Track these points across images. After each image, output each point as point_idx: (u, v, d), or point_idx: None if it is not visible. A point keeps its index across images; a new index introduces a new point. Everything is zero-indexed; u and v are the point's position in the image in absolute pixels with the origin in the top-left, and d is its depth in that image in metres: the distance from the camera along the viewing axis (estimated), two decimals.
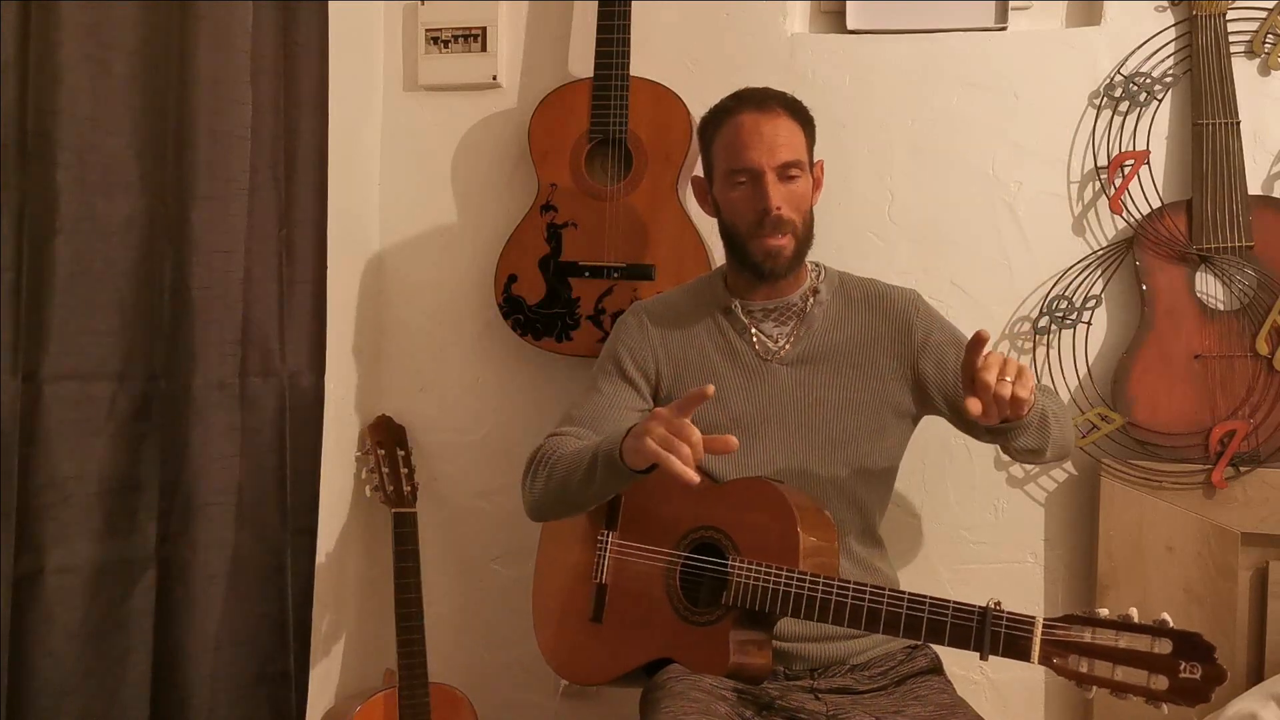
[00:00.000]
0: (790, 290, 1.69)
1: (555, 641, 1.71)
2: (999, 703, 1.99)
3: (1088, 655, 1.23)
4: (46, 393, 1.43)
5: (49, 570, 1.43)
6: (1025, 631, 1.27)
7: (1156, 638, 1.21)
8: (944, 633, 1.33)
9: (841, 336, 1.66)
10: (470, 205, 2.22)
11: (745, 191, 1.61)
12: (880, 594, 1.39)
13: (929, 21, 2.01)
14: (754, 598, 1.45)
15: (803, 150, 1.63)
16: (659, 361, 1.70)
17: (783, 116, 1.62)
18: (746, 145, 1.60)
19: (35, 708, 1.42)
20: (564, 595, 1.69)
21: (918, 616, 1.35)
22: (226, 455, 1.67)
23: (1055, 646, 1.25)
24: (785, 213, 1.59)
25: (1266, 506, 1.81)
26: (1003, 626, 1.29)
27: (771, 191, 1.58)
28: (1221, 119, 1.84)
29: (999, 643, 1.28)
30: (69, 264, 1.44)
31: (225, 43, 1.63)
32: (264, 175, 1.74)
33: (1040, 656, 1.25)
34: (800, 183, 1.62)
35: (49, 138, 1.41)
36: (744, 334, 1.68)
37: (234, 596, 1.69)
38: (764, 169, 1.59)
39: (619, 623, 1.61)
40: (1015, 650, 1.27)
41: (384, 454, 2.10)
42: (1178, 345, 1.85)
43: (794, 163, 1.60)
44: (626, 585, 1.61)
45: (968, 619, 1.31)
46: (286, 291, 1.81)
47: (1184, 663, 1.19)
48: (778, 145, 1.60)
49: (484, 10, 2.17)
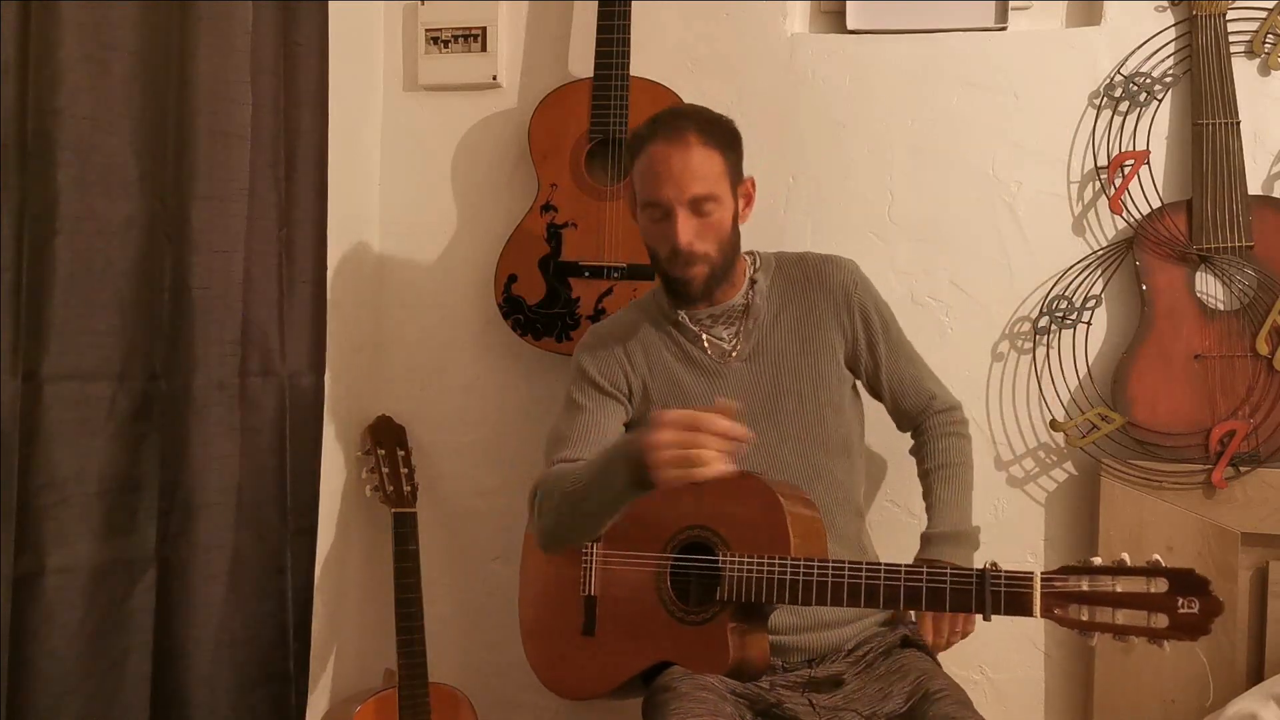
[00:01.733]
0: (728, 295, 1.69)
1: (547, 657, 1.70)
2: (999, 703, 1.99)
3: (1087, 603, 1.27)
4: (46, 393, 1.42)
5: (49, 570, 1.43)
6: (1025, 587, 1.30)
7: (1151, 578, 1.24)
8: (944, 598, 1.36)
9: (787, 321, 1.68)
10: (470, 205, 2.22)
11: (659, 226, 1.60)
12: (876, 569, 1.40)
13: (929, 21, 2.01)
14: (749, 589, 1.46)
15: (717, 179, 1.58)
16: (628, 375, 1.70)
17: (695, 146, 1.56)
18: (658, 178, 1.57)
19: (35, 708, 1.42)
20: (551, 609, 1.69)
21: (916, 586, 1.38)
22: (226, 455, 1.67)
23: (1055, 598, 1.28)
24: (696, 247, 1.58)
25: (1266, 506, 1.81)
26: (1001, 585, 1.32)
27: (681, 228, 1.56)
28: (1221, 119, 1.84)
29: (1000, 601, 1.32)
30: (69, 264, 1.44)
31: (225, 43, 1.63)
32: (264, 175, 1.74)
33: (1042, 609, 1.28)
34: (715, 214, 1.58)
35: (49, 138, 1.41)
36: (695, 341, 1.69)
37: (234, 596, 1.69)
38: (673, 205, 1.56)
39: (612, 634, 1.61)
40: (1017, 606, 1.30)
41: (384, 454, 2.10)
42: (1178, 345, 1.85)
43: (706, 196, 1.56)
44: (617, 594, 1.61)
45: (966, 582, 1.34)
46: (286, 291, 1.81)
47: (1181, 598, 1.23)
48: (687, 179, 1.55)
49: (484, 10, 2.17)
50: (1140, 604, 1.24)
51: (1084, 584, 1.27)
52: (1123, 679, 1.85)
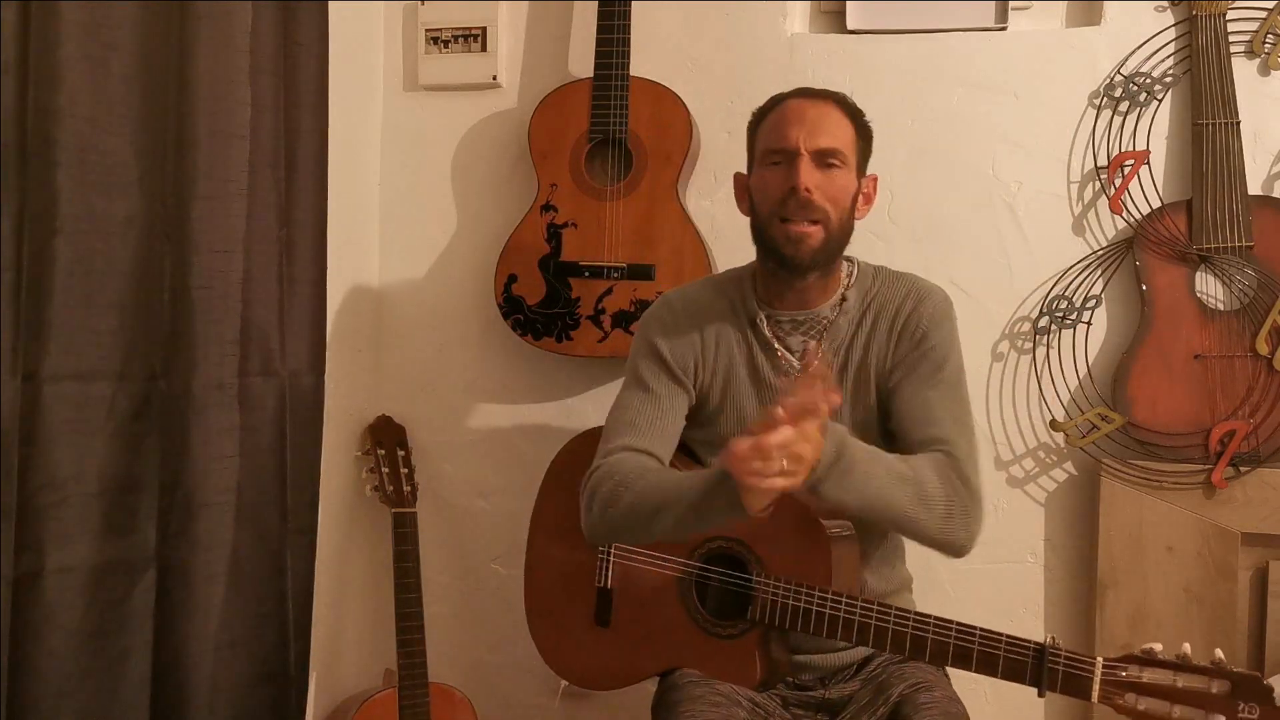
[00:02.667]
0: (820, 299, 1.57)
1: (557, 642, 1.70)
2: (999, 702, 1.99)
3: (1146, 694, 1.25)
4: (46, 393, 1.42)
5: (49, 570, 1.43)
6: (1086, 671, 1.27)
7: (1214, 678, 1.22)
8: (997, 666, 1.32)
9: (859, 352, 1.55)
10: (470, 205, 2.22)
11: (778, 171, 1.49)
12: (925, 622, 1.36)
13: (929, 21, 2.01)
14: (783, 616, 1.43)
15: (848, 144, 1.51)
16: (699, 365, 1.59)
17: (833, 107, 1.52)
18: (788, 124, 1.50)
19: (35, 708, 1.42)
20: (562, 594, 1.68)
21: (968, 648, 1.33)
22: (226, 455, 1.67)
23: (1114, 686, 1.26)
24: (816, 197, 1.46)
25: (1266, 506, 1.81)
26: (1060, 664, 1.28)
27: (803, 170, 1.46)
28: (1221, 119, 1.84)
29: (1057, 680, 1.28)
30: (69, 264, 1.44)
31: (225, 43, 1.63)
32: (264, 175, 1.73)
33: (1100, 695, 1.26)
34: (840, 174, 1.49)
35: (49, 138, 1.41)
36: (768, 348, 1.57)
37: (234, 596, 1.69)
38: (800, 149, 1.47)
39: (629, 630, 1.60)
40: (1075, 688, 1.27)
41: (384, 454, 2.10)
42: (1178, 345, 1.85)
43: (833, 150, 1.48)
44: (635, 592, 1.59)
45: (1023, 654, 1.30)
46: (286, 291, 1.80)
47: (1242, 703, 1.21)
48: (820, 129, 1.48)
49: (484, 10, 2.17)
50: (1199, 703, 1.23)
51: (1144, 675, 1.25)
52: None
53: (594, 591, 1.63)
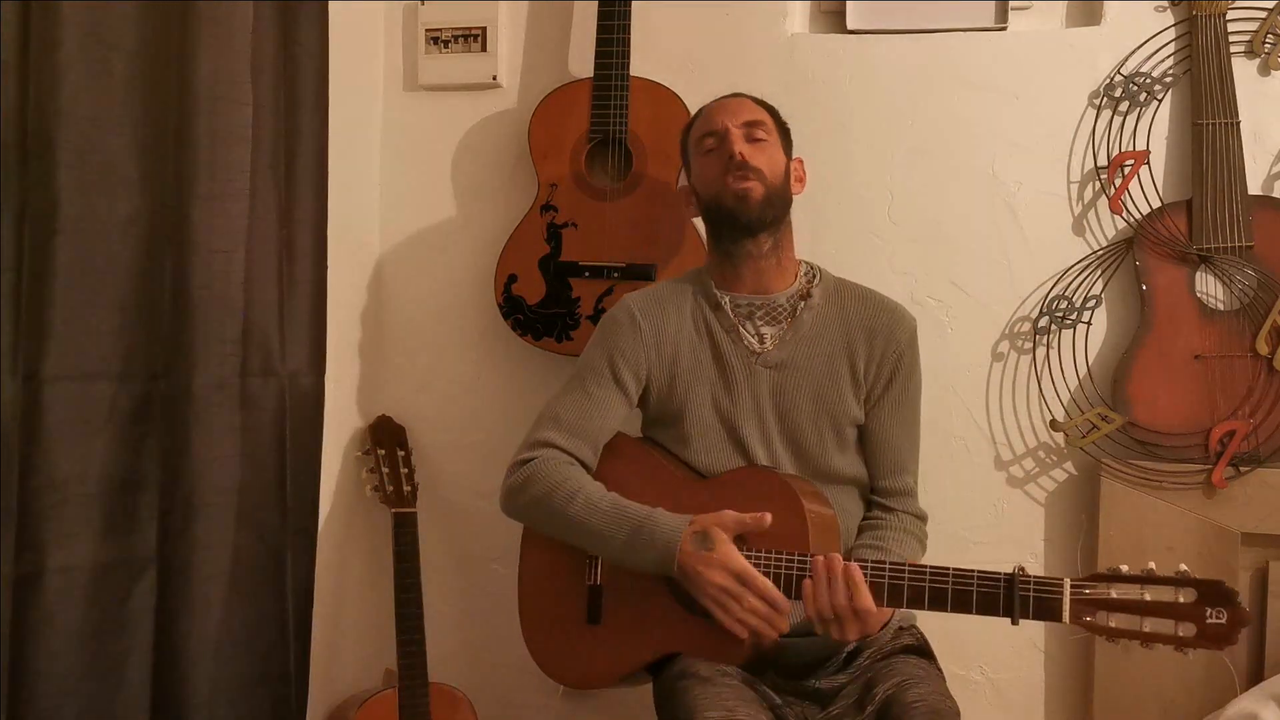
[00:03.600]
0: (776, 283, 1.68)
1: (549, 647, 1.69)
2: (999, 703, 1.99)
3: (1115, 610, 1.28)
4: (46, 393, 1.42)
5: (49, 570, 1.43)
6: (1055, 593, 1.31)
7: (1180, 588, 1.26)
8: (971, 602, 1.36)
9: (826, 348, 1.65)
10: (470, 205, 2.22)
11: (714, 155, 1.66)
12: (900, 569, 1.41)
13: (929, 21, 2.01)
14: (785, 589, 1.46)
15: (768, 122, 1.69)
16: (650, 364, 1.68)
17: (746, 100, 1.71)
18: (713, 113, 1.69)
19: (35, 708, 1.42)
20: (553, 600, 1.68)
21: (942, 588, 1.37)
22: (226, 455, 1.67)
23: (1084, 605, 1.29)
24: (750, 159, 1.63)
25: (1266, 506, 1.81)
26: (1030, 590, 1.32)
27: (735, 138, 1.64)
28: (1221, 119, 1.84)
29: (1029, 606, 1.32)
30: (69, 264, 1.44)
31: (225, 43, 1.63)
32: (264, 175, 1.73)
33: (1071, 615, 1.29)
34: (768, 146, 1.66)
35: (49, 138, 1.41)
36: (731, 331, 1.67)
37: (234, 596, 1.69)
38: (727, 127, 1.65)
39: (619, 623, 1.60)
40: (1046, 611, 1.31)
41: (384, 454, 2.10)
42: (1178, 345, 1.85)
43: (757, 122, 1.67)
44: (623, 584, 1.60)
45: (994, 586, 1.34)
46: (286, 291, 1.81)
47: (1209, 608, 1.24)
48: (741, 110, 1.68)
49: (484, 10, 2.17)
50: (1168, 613, 1.26)
51: (1112, 591, 1.29)
52: (1123, 680, 1.85)
53: (585, 591, 1.63)
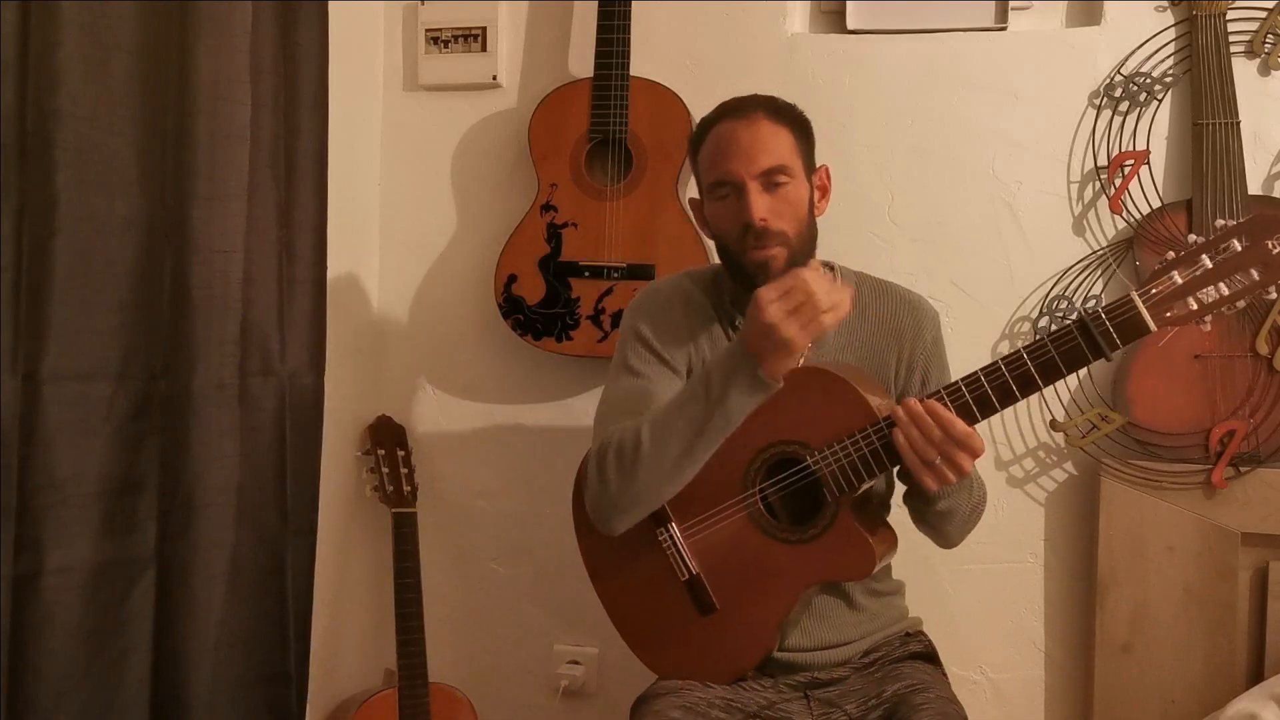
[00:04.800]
0: None
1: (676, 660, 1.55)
2: (999, 702, 1.99)
3: (1190, 292, 1.27)
4: (46, 393, 1.42)
5: (49, 570, 1.43)
6: (1130, 310, 1.28)
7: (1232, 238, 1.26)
8: (1059, 366, 1.32)
9: (853, 341, 1.58)
10: (470, 205, 2.22)
11: (729, 204, 1.50)
12: (974, 379, 1.35)
13: (929, 21, 2.01)
14: (855, 474, 1.40)
15: (789, 154, 1.50)
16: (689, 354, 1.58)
17: (763, 121, 1.50)
18: (725, 155, 1.49)
19: (35, 708, 1.42)
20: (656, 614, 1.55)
21: (1025, 371, 1.33)
22: (226, 455, 1.67)
23: (1161, 305, 1.28)
24: (771, 224, 1.47)
25: (1266, 506, 1.81)
26: (1107, 323, 1.29)
27: (754, 201, 1.46)
28: (1221, 119, 1.84)
29: (1113, 338, 1.29)
30: (69, 263, 1.44)
31: (225, 43, 1.63)
32: (264, 175, 1.74)
33: (1157, 322, 1.27)
34: (789, 189, 1.49)
35: (49, 138, 1.41)
36: None
37: (234, 596, 1.69)
38: (743, 179, 1.47)
39: (738, 598, 1.50)
40: (1133, 331, 1.28)
41: (384, 454, 2.10)
42: (1178, 345, 1.85)
43: (777, 168, 1.48)
44: (720, 560, 1.49)
45: (1071, 339, 1.31)
46: (286, 291, 1.81)
47: (1269, 241, 1.24)
48: (756, 152, 1.47)
49: (484, 10, 2.17)
50: (1235, 266, 1.25)
51: (1177, 277, 1.27)
52: (1123, 679, 1.85)
53: (683, 589, 1.52)
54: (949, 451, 1.34)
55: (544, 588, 2.19)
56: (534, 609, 2.21)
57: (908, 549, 1.72)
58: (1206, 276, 1.27)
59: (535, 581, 2.20)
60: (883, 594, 1.63)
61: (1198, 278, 1.27)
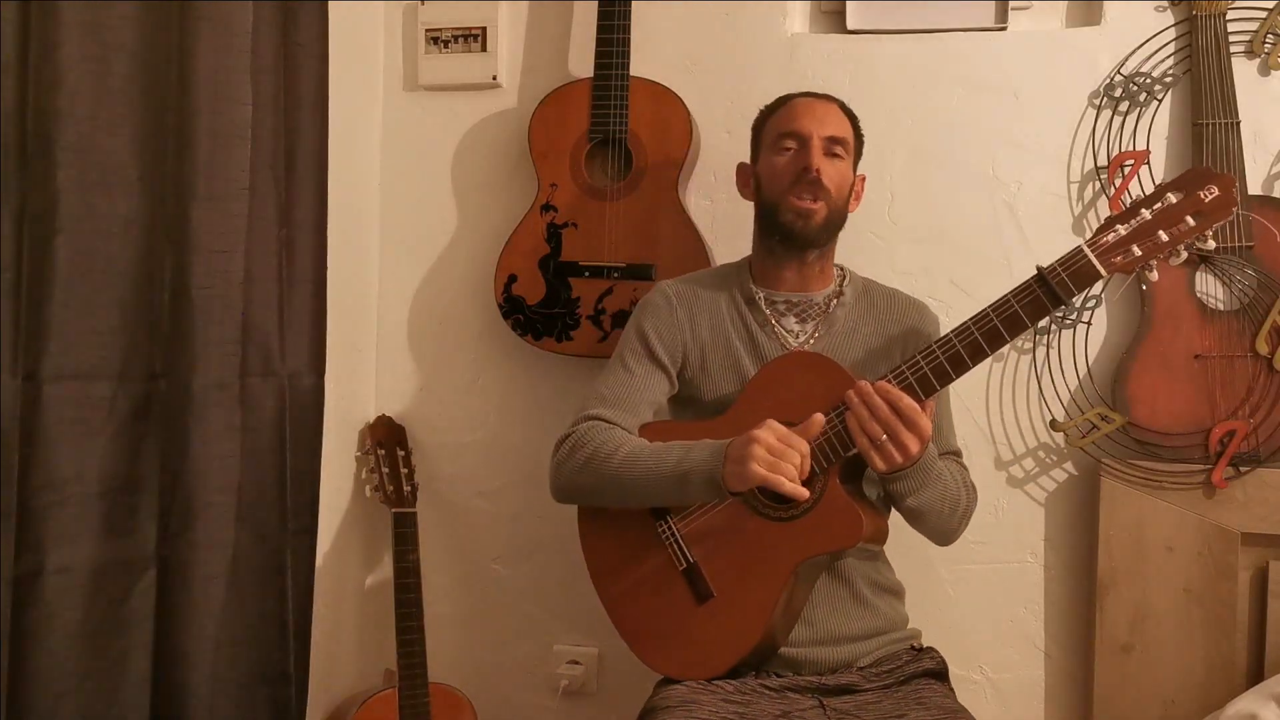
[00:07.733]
0: (816, 285, 1.69)
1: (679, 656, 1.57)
2: (999, 702, 1.99)
3: (1134, 241, 1.41)
4: (46, 392, 1.42)
5: (49, 570, 1.43)
6: (1080, 259, 1.41)
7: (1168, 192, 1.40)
8: (1022, 319, 1.43)
9: (860, 343, 1.66)
10: (470, 205, 2.22)
11: (790, 156, 1.64)
12: (948, 342, 1.45)
13: (929, 21, 2.01)
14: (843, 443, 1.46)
15: (849, 138, 1.68)
16: (686, 346, 1.68)
17: (836, 107, 1.69)
18: (799, 115, 1.66)
19: (35, 708, 1.42)
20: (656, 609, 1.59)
21: (991, 327, 1.43)
22: (226, 455, 1.67)
23: (1108, 252, 1.41)
24: (824, 178, 1.61)
25: (1266, 506, 1.81)
26: (1061, 272, 1.42)
27: (815, 154, 1.62)
28: (1221, 119, 1.84)
29: (1068, 284, 1.41)
30: (69, 263, 1.44)
31: (225, 43, 1.63)
32: (264, 175, 1.73)
33: (1105, 268, 1.40)
34: (842, 164, 1.66)
35: (49, 138, 1.41)
36: (765, 326, 1.67)
37: (234, 596, 1.69)
38: (812, 135, 1.63)
39: (732, 581, 1.53)
40: (1085, 279, 1.41)
41: (384, 454, 2.10)
42: (1178, 345, 1.85)
43: (841, 139, 1.65)
44: (716, 544, 1.54)
45: (1030, 293, 1.43)
46: (286, 291, 1.80)
47: (1200, 191, 1.39)
48: (829, 121, 1.66)
49: (484, 10, 2.17)
50: (1173, 216, 1.39)
51: (1119, 228, 1.41)
52: (1123, 679, 1.85)
53: (681, 579, 1.56)
54: (893, 428, 1.41)
55: (544, 588, 2.19)
56: (534, 609, 2.21)
57: (908, 549, 1.73)
58: (1147, 227, 1.40)
59: (535, 581, 2.20)
60: (885, 589, 1.64)
61: (1138, 229, 1.41)
